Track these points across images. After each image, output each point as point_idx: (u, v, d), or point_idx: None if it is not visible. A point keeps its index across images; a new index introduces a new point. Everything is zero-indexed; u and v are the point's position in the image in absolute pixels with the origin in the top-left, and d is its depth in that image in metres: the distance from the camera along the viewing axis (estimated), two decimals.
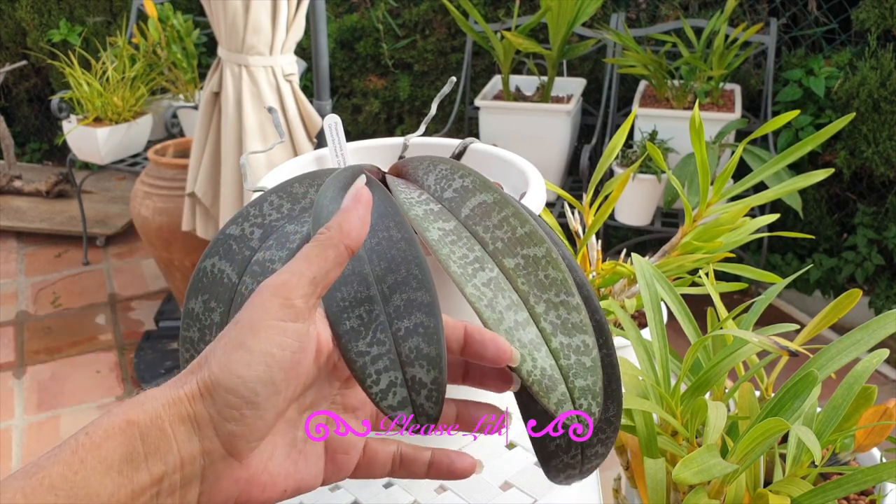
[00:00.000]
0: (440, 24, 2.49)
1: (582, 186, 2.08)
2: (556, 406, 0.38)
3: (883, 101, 1.88)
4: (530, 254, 0.42)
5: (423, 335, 0.37)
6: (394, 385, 0.37)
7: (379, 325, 0.38)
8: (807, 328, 0.63)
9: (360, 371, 0.37)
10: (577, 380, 0.39)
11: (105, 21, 3.02)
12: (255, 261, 0.45)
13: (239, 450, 0.34)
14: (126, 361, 2.06)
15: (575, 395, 0.39)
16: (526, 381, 0.38)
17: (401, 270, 0.39)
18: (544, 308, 0.40)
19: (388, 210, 0.43)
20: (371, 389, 0.37)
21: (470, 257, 0.41)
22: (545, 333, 0.40)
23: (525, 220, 0.43)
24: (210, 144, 1.76)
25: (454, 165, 0.47)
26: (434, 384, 0.37)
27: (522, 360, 0.38)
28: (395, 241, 0.41)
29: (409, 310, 0.38)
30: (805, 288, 2.12)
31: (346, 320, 0.38)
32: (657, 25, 2.19)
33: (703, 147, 0.72)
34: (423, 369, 0.37)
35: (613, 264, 0.78)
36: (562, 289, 0.41)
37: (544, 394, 0.38)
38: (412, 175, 0.50)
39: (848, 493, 0.51)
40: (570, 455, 0.46)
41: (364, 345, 0.37)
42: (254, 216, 0.47)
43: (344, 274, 0.40)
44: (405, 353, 0.37)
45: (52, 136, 3.25)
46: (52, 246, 2.68)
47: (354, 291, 0.39)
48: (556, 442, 0.46)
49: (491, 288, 0.40)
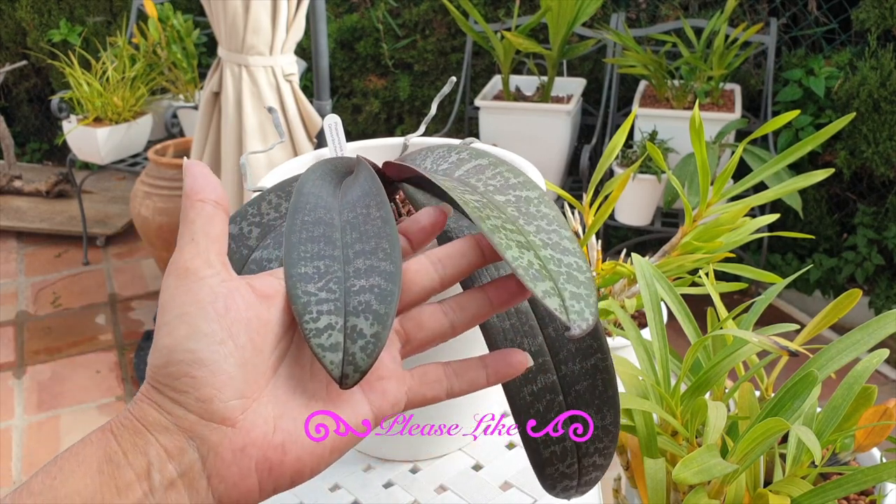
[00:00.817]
0: (440, 24, 2.49)
1: (582, 186, 2.08)
2: (543, 294, 0.34)
3: (883, 101, 1.88)
4: (522, 195, 0.40)
5: (378, 294, 0.36)
6: (331, 328, 0.35)
7: (334, 278, 0.37)
8: (807, 328, 0.63)
9: (302, 306, 0.35)
10: (567, 285, 0.35)
11: (105, 21, 3.02)
12: (252, 259, 0.45)
13: (220, 413, 0.33)
14: (126, 361, 2.06)
15: (565, 295, 0.35)
16: (511, 265, 0.35)
17: (370, 242, 0.38)
18: (535, 229, 0.38)
19: (372, 190, 0.42)
20: (307, 325, 0.35)
21: (459, 188, 0.40)
22: (534, 245, 0.37)
23: (519, 173, 0.42)
24: (210, 144, 1.76)
25: (451, 146, 0.47)
26: (374, 338, 0.35)
27: (507, 246, 0.35)
28: (373, 219, 0.39)
29: (369, 273, 0.36)
30: (805, 288, 2.12)
31: (302, 267, 0.37)
32: (657, 25, 2.19)
33: (703, 147, 0.72)
34: (367, 322, 0.35)
35: (613, 264, 0.78)
36: (554, 221, 0.39)
37: (531, 280, 0.34)
38: (409, 163, 0.50)
39: (848, 493, 0.51)
40: (565, 464, 0.45)
41: (314, 288, 0.36)
42: (252, 215, 0.47)
43: (313, 234, 0.39)
44: (353, 305, 0.36)
45: (52, 136, 3.26)
46: (52, 246, 2.68)
47: (319, 249, 0.38)
48: (551, 449, 0.44)
49: (479, 203, 0.38)
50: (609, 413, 0.44)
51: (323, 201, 0.42)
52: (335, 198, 0.43)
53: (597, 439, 0.45)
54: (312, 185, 0.43)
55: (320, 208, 0.41)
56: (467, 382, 0.39)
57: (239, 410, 0.33)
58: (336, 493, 0.58)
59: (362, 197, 0.42)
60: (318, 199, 0.42)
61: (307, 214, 0.40)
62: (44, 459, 1.73)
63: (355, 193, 0.42)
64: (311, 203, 0.41)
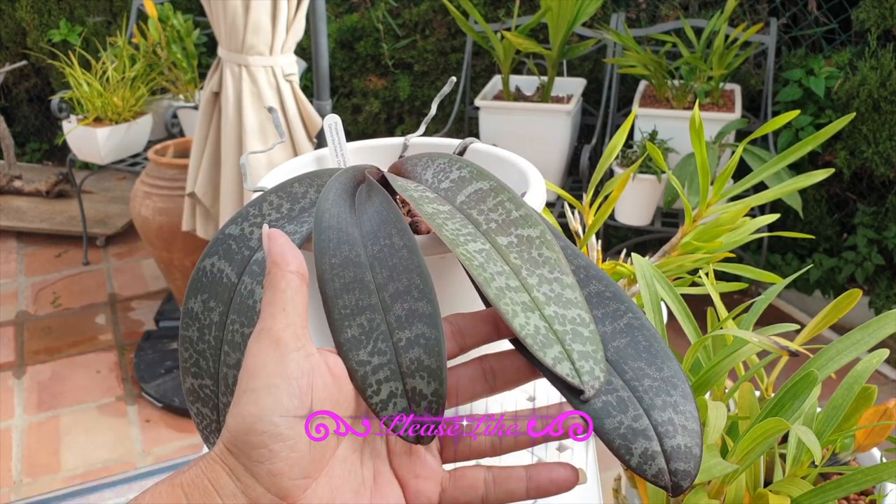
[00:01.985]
0: (440, 24, 2.49)
1: (582, 186, 2.08)
2: (553, 361, 0.35)
3: (883, 101, 1.88)
4: (524, 234, 0.41)
5: (424, 347, 0.37)
6: (394, 396, 0.37)
7: (380, 335, 0.38)
8: (807, 328, 0.63)
9: (361, 381, 0.37)
10: (574, 345, 0.36)
11: (105, 21, 3.02)
12: (254, 260, 0.45)
13: (286, 490, 0.34)
14: (126, 361, 2.06)
15: (574, 356, 0.36)
16: (519, 335, 0.36)
17: (402, 279, 0.39)
18: (537, 281, 0.39)
19: (390, 217, 0.42)
20: (371, 399, 0.37)
21: (463, 231, 0.41)
22: (538, 302, 0.38)
23: (521, 204, 0.42)
24: (210, 144, 1.76)
25: (452, 159, 0.47)
26: (434, 396, 0.36)
27: (514, 314, 0.36)
28: (398, 249, 0.40)
29: (411, 320, 0.38)
30: (805, 288, 2.12)
31: (348, 328, 0.38)
32: (657, 25, 2.19)
33: (703, 147, 0.72)
34: (424, 381, 0.37)
35: (613, 264, 0.78)
36: (556, 267, 0.39)
37: (539, 348, 0.36)
38: (411, 172, 0.50)
39: (848, 493, 0.51)
40: (629, 416, 0.38)
41: (365, 354, 0.37)
42: (253, 216, 0.47)
43: (346, 281, 0.39)
44: (406, 364, 0.37)
45: (52, 136, 3.25)
46: (52, 246, 2.68)
47: (356, 300, 0.39)
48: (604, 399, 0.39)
49: (483, 256, 0.39)
50: (666, 366, 0.39)
51: (345, 235, 0.42)
52: (355, 226, 0.43)
53: (662, 392, 0.39)
54: (330, 217, 0.43)
55: (344, 244, 0.41)
56: (505, 493, 0.39)
57: (302, 489, 0.35)
58: None
59: (382, 225, 0.42)
60: (340, 234, 0.42)
61: (334, 255, 0.41)
62: (44, 459, 1.73)
63: (374, 221, 0.43)
64: (335, 239, 0.42)
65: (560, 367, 0.35)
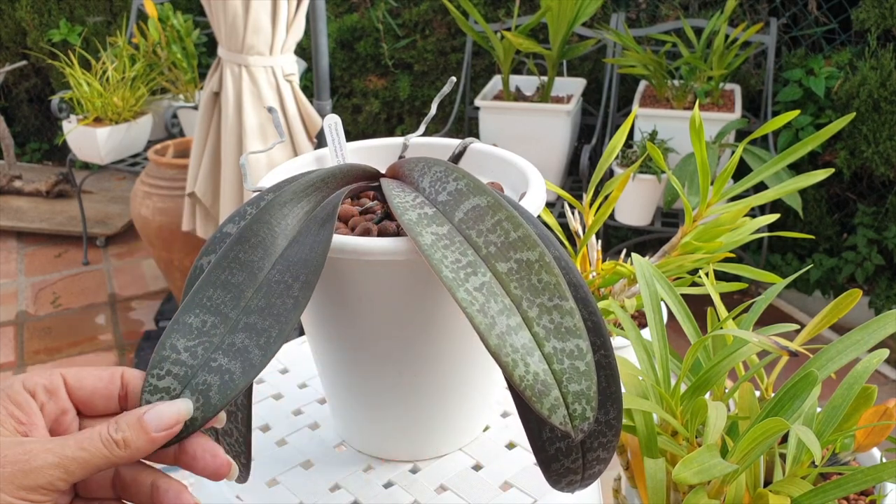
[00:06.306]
0: (440, 24, 2.49)
1: (582, 186, 2.08)
2: (549, 412, 0.38)
3: (883, 101, 1.88)
4: (523, 258, 0.42)
5: (223, 383, 0.39)
6: (166, 393, 0.39)
7: (208, 343, 0.40)
8: (807, 328, 0.63)
9: (156, 362, 0.40)
10: (570, 384, 0.39)
11: (105, 21, 3.02)
12: None
13: None
14: (126, 361, 2.06)
15: (569, 399, 0.39)
16: (518, 387, 0.38)
17: (267, 321, 0.41)
18: (537, 312, 0.40)
19: (311, 263, 0.42)
20: (150, 379, 0.39)
21: (462, 262, 0.41)
22: (538, 338, 0.40)
23: (518, 223, 0.43)
24: (210, 144, 1.76)
25: (448, 168, 0.47)
26: (191, 422, 0.38)
27: (514, 364, 0.38)
28: (289, 296, 0.41)
29: (237, 356, 0.39)
30: (805, 288, 2.12)
31: (192, 316, 0.41)
32: (657, 25, 2.19)
33: (703, 147, 0.72)
34: (198, 404, 0.39)
35: (613, 264, 0.78)
36: (555, 293, 0.41)
37: (537, 399, 0.38)
38: (408, 177, 0.50)
39: (848, 493, 0.51)
40: (570, 459, 0.46)
41: (181, 346, 0.40)
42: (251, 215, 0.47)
43: (230, 280, 0.42)
44: (196, 381, 0.39)
45: (52, 136, 3.26)
46: (52, 246, 2.68)
47: (221, 302, 0.41)
48: (557, 445, 0.45)
49: (483, 293, 0.40)
50: (612, 408, 0.45)
51: (271, 240, 0.43)
52: (287, 238, 0.44)
53: (600, 434, 0.45)
54: (280, 211, 0.44)
55: (259, 248, 0.42)
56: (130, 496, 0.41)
57: None
58: (336, 493, 0.58)
59: (299, 264, 0.42)
60: (268, 234, 0.43)
61: (246, 248, 0.42)
62: None
63: (300, 253, 0.43)
64: (261, 235, 0.43)
65: (555, 417, 0.38)
